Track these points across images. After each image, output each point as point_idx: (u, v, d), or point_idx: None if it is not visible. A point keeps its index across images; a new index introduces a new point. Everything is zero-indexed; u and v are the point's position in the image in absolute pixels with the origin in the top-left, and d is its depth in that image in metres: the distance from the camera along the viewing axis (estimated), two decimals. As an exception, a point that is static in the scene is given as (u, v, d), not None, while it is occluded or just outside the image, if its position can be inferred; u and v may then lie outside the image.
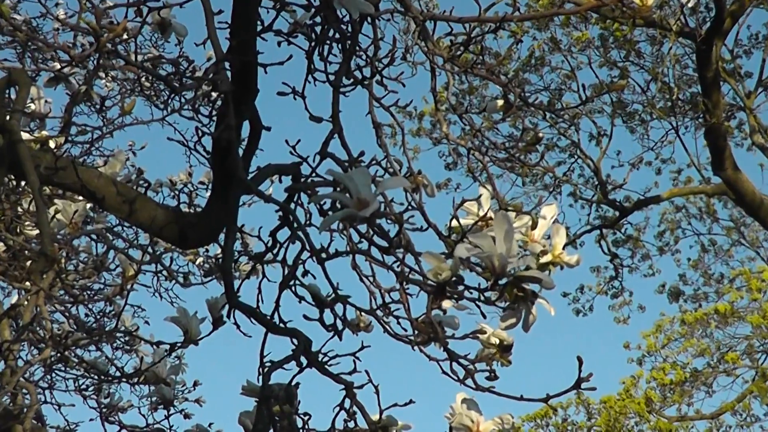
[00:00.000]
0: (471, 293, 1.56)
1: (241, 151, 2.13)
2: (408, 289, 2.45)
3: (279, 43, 2.13)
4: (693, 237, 13.27)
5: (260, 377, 1.73)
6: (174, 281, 4.88)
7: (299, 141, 2.01)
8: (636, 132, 12.09)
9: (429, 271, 1.57)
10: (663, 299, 13.56)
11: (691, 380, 11.79)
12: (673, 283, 13.46)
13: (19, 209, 2.70)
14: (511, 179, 12.07)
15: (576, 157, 12.42)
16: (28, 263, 2.73)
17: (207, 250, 5.19)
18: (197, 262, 5.18)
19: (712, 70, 9.06)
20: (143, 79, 4.34)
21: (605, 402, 11.85)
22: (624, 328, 13.78)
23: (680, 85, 11.25)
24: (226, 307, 1.86)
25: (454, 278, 1.55)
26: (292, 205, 1.95)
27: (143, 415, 3.12)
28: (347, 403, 1.74)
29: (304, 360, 1.71)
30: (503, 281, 1.51)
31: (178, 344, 2.53)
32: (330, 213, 1.66)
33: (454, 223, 1.89)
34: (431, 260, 1.57)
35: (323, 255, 1.69)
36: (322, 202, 1.72)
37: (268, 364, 1.72)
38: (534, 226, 1.99)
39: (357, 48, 2.19)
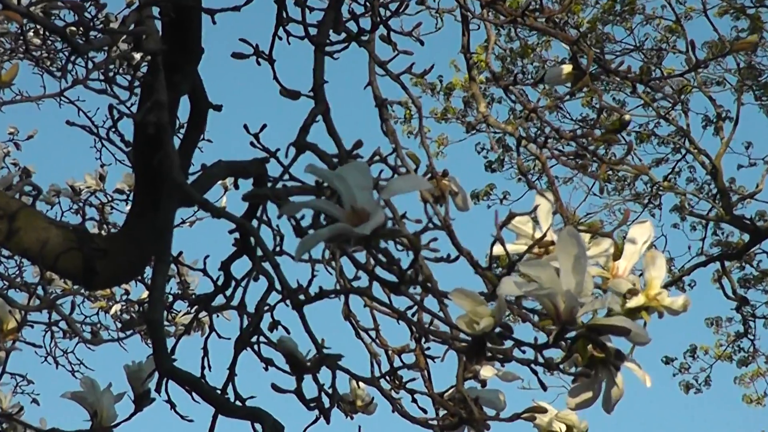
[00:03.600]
0: (523, 353, 1.56)
1: (177, 142, 2.14)
2: (428, 347, 2.47)
3: (234, -20, 2.16)
4: None
5: (207, 481, 1.73)
6: (77, 338, 4.89)
7: (265, 126, 2.03)
8: (774, 114, 12.11)
9: (460, 320, 1.58)
10: (817, 368, 13.51)
11: None
12: (832, 344, 13.42)
13: None
14: (585, 185, 12.12)
15: (683, 151, 12.44)
16: None
17: (126, 292, 5.21)
18: (112, 310, 5.20)
19: None
20: (30, 33, 4.37)
21: None
22: (759, 412, 13.73)
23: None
24: (156, 376, 1.86)
25: (497, 330, 1.55)
26: (254, 223, 1.96)
27: None
28: None
29: (272, 455, 1.72)
30: (572, 334, 1.52)
31: (83, 433, 2.53)
32: (311, 232, 1.67)
33: (498, 248, 1.89)
34: (464, 303, 1.58)
35: (301, 297, 1.70)
36: (299, 216, 1.73)
37: (218, 462, 1.73)
38: (618, 255, 2.00)
39: (351, -14, 2.21)
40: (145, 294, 4.92)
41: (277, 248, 2.19)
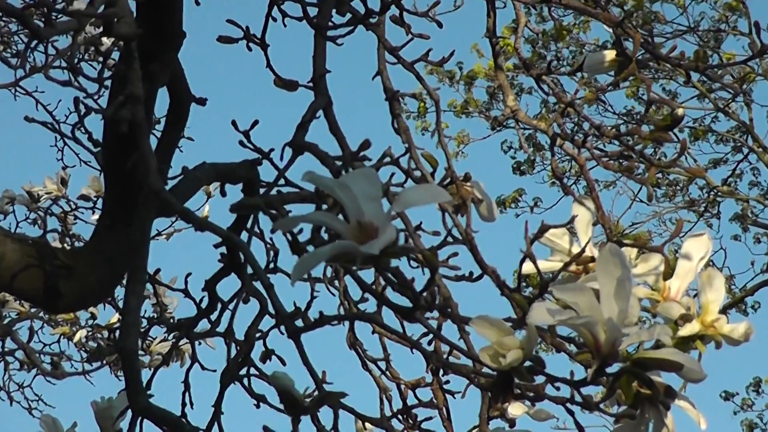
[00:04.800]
0: (557, 389, 1.57)
1: (154, 142, 2.15)
2: (447, 382, 2.46)
3: (221, -47, 2.16)
4: None
5: None
6: (35, 370, 4.89)
7: (257, 123, 2.04)
8: None
9: (483, 352, 1.58)
10: None
11: None
12: None
13: None
14: (630, 190, 12.11)
15: (746, 150, 12.43)
16: None
17: (93, 316, 5.22)
18: (76, 337, 5.20)
19: None
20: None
21: None
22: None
23: None
24: (129, 414, 1.87)
25: (527, 364, 1.56)
26: (244, 236, 1.96)
27: None
28: None
29: (264, 508, 1.72)
30: (614, 368, 1.52)
31: (43, 481, 2.53)
32: (310, 249, 1.67)
33: (529, 266, 1.90)
34: (488, 333, 1.58)
35: (298, 323, 1.70)
36: (296, 230, 1.74)
37: None
38: (670, 273, 2.00)
39: (357, -40, 2.22)
40: (115, 318, 4.92)
41: (271, 265, 2.20)
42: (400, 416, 2.37)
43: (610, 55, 2.67)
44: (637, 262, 2.03)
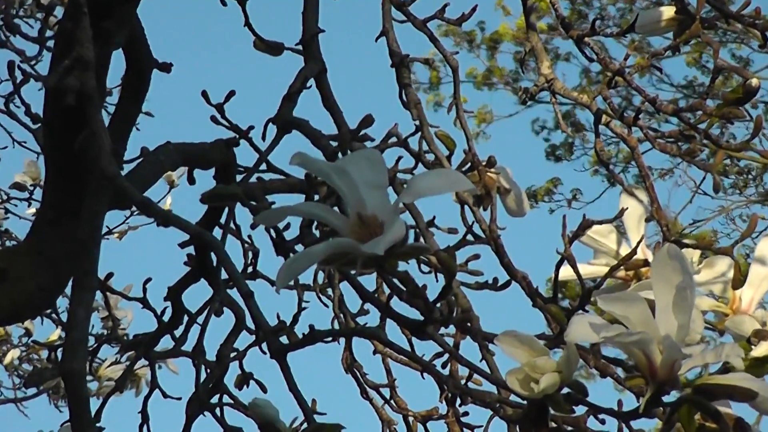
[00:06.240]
0: (602, 423, 1.57)
1: (107, 118, 2.16)
2: (465, 413, 2.47)
3: None
4: None
5: None
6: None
7: (233, 94, 2.04)
8: None
9: (512, 376, 1.59)
10: None
11: None
12: None
13: None
14: (691, 179, 12.10)
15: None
16: None
17: (28, 333, 5.23)
18: (7, 358, 5.23)
19: None
20: None
21: None
22: None
23: None
24: (74, 451, 1.88)
25: (565, 390, 1.56)
26: (217, 233, 1.97)
27: None
28: None
29: None
30: (672, 397, 1.53)
31: None
32: (299, 248, 1.68)
33: (567, 271, 1.90)
34: (517, 351, 1.58)
35: (284, 340, 1.71)
36: (281, 225, 1.75)
37: None
38: (741, 281, 2.01)
39: None
40: (56, 334, 4.93)
41: (250, 269, 2.20)
42: (407, 456, 2.38)
43: (668, 12, 2.67)
44: (701, 267, 2.04)
